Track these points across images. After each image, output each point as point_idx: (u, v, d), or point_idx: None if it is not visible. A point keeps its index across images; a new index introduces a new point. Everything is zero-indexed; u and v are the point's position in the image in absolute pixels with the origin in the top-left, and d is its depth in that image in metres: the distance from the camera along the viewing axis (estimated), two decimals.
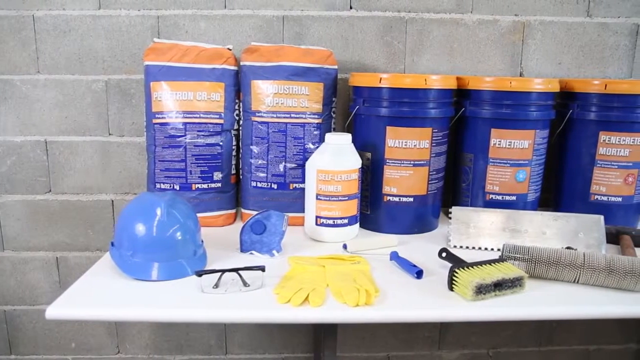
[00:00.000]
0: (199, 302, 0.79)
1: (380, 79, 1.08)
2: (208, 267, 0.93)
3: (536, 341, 1.50)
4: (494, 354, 1.50)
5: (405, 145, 1.10)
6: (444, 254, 0.96)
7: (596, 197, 1.19)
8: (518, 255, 0.91)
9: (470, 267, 0.86)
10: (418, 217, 1.15)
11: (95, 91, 1.28)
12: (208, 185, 1.16)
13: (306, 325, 1.43)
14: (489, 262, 0.89)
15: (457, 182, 1.24)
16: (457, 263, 0.91)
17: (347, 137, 1.07)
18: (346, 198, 1.06)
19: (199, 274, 0.85)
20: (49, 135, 1.30)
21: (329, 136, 1.07)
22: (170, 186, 1.15)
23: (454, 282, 0.84)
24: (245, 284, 0.85)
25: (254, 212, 1.06)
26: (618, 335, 1.51)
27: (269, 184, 1.17)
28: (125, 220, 0.92)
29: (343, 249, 1.02)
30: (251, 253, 1.01)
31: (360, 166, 1.08)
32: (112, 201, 1.35)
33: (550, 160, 1.28)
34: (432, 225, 1.18)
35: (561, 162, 1.26)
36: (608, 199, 1.19)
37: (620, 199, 1.18)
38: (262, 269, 0.86)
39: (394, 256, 0.97)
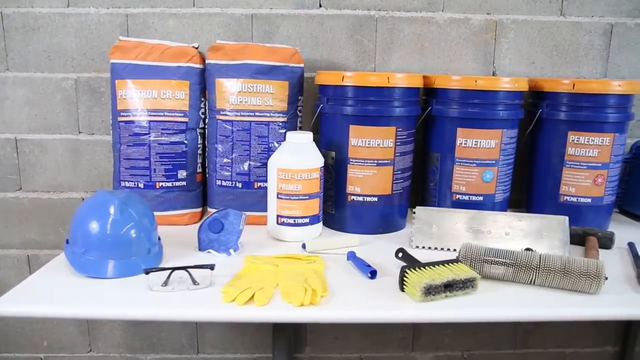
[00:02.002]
0: (143, 300, 0.79)
1: (343, 77, 1.08)
2: (164, 265, 0.92)
3: (511, 344, 1.48)
4: (469, 356, 1.49)
5: (369, 144, 1.09)
6: (400, 254, 0.95)
7: (565, 198, 1.18)
8: (474, 256, 0.90)
9: (422, 268, 0.84)
10: (383, 217, 1.14)
11: (64, 89, 1.28)
12: (172, 184, 1.16)
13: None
14: (444, 262, 0.87)
15: (425, 182, 1.23)
16: (411, 263, 0.90)
17: (308, 136, 1.06)
18: (307, 197, 1.05)
19: (147, 271, 0.84)
20: (19, 133, 1.30)
21: (289, 134, 1.06)
22: (135, 184, 1.15)
23: (404, 282, 0.83)
24: (194, 282, 0.84)
25: None
26: (594, 338, 1.48)
27: (234, 182, 1.16)
28: (79, 218, 0.92)
29: (302, 248, 1.01)
30: (209, 252, 1.00)
31: (322, 165, 1.07)
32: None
33: (521, 161, 1.26)
34: (398, 225, 1.17)
35: (531, 162, 1.24)
36: (577, 200, 1.17)
37: (589, 200, 1.17)
38: (211, 267, 0.86)
39: (351, 256, 0.96)
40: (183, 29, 1.26)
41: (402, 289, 0.84)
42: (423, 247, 1.05)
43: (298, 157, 1.04)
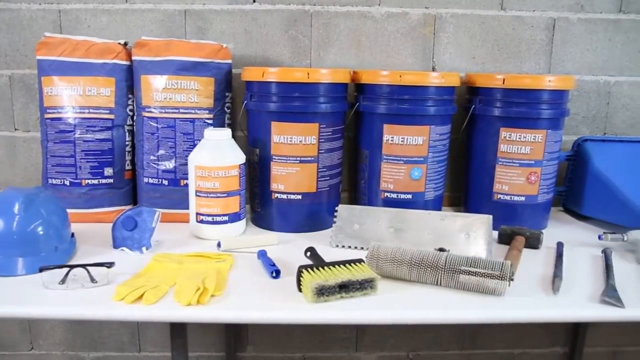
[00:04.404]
0: (32, 298, 0.78)
1: (264, 72, 1.06)
2: (74, 262, 0.91)
3: (458, 344, 1.46)
4: (414, 356, 1.47)
5: (291, 141, 1.07)
6: (308, 254, 0.93)
7: (499, 196, 1.15)
8: (381, 256, 0.88)
9: (320, 268, 0.82)
10: (309, 216, 1.12)
11: None
12: (99, 181, 1.15)
13: (219, 324, 1.41)
14: (347, 262, 0.85)
15: (357, 180, 1.21)
16: (315, 263, 0.88)
17: (227, 133, 1.05)
18: (225, 195, 1.03)
19: (41, 269, 0.83)
20: None
21: (207, 131, 1.04)
22: (61, 181, 1.14)
23: (301, 283, 0.82)
24: (92, 280, 0.83)
25: None
26: (543, 338, 1.46)
27: (160, 180, 1.15)
28: None
29: (217, 247, 1.00)
30: (122, 249, 0.99)
31: (242, 162, 1.05)
32: None
33: (459, 158, 1.24)
34: (326, 223, 1.15)
35: (467, 159, 1.22)
36: (511, 198, 1.14)
37: (523, 199, 1.14)
38: (109, 265, 0.85)
39: (261, 255, 0.94)
40: (116, 25, 1.25)
41: (300, 289, 0.82)
42: (343, 246, 1.03)
43: (215, 154, 1.03)
